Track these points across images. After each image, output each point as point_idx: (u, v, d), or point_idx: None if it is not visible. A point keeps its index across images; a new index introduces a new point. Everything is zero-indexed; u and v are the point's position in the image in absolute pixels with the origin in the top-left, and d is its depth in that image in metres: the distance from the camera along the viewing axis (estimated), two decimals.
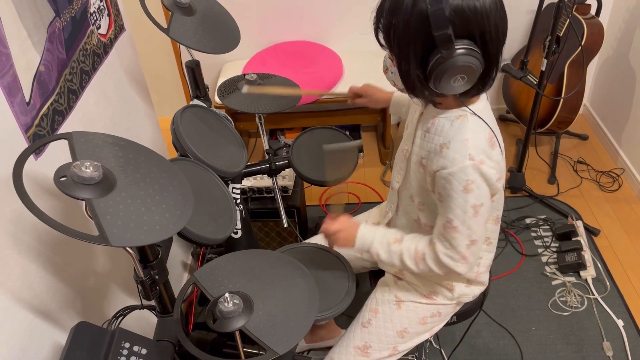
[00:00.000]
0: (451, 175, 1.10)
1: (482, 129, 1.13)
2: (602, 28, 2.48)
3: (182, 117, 1.47)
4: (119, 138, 1.05)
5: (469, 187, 1.10)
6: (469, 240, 1.16)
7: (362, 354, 1.40)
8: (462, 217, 1.13)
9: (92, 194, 0.88)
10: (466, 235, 1.15)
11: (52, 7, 1.25)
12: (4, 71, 1.05)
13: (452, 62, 1.00)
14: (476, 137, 1.11)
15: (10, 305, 1.08)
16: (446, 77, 1.02)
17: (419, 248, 1.24)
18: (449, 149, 1.11)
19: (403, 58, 1.06)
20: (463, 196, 1.11)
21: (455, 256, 1.18)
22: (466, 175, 1.09)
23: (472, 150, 1.09)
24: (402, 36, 1.04)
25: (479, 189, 1.11)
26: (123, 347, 1.12)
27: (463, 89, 1.07)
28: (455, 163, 1.10)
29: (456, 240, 1.16)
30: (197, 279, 1.10)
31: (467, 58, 1.01)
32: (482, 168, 1.09)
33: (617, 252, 2.36)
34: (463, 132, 1.11)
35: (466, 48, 1.00)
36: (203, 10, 1.55)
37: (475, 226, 1.15)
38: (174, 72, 3.05)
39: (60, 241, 1.25)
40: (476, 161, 1.09)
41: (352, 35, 2.86)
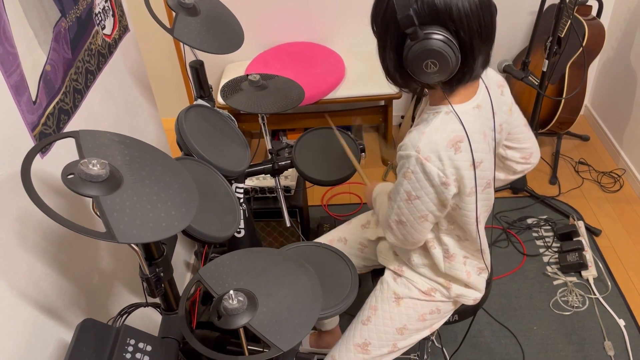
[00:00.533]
0: (400, 157, 1.16)
1: (448, 130, 1.11)
2: (603, 29, 2.49)
3: (187, 116, 1.48)
4: (124, 136, 1.06)
5: (407, 174, 1.14)
6: (397, 217, 1.24)
7: (362, 351, 1.41)
8: (395, 195, 1.21)
9: (99, 191, 0.89)
10: (395, 212, 1.23)
11: (58, 7, 1.26)
12: (11, 70, 1.06)
13: (419, 45, 1.01)
14: (435, 134, 1.11)
15: (17, 302, 1.09)
16: (417, 61, 1.03)
17: None
18: (410, 134, 1.14)
19: (381, 44, 1.11)
20: (400, 179, 1.17)
21: (385, 222, 1.29)
22: (409, 163, 1.13)
23: (423, 145, 1.10)
24: (381, 23, 1.07)
25: (418, 182, 1.14)
26: (128, 344, 1.13)
27: (440, 77, 1.06)
28: (405, 149, 1.13)
29: (390, 210, 1.25)
30: (201, 277, 1.11)
31: (435, 42, 1.00)
32: (426, 165, 1.10)
33: (618, 252, 2.36)
34: (427, 125, 1.13)
35: (434, 32, 1.01)
36: (207, 10, 1.56)
37: (406, 210, 1.21)
38: (177, 72, 3.06)
39: (65, 239, 1.26)
40: (421, 156, 1.10)
41: (354, 36, 2.87)
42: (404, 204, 1.19)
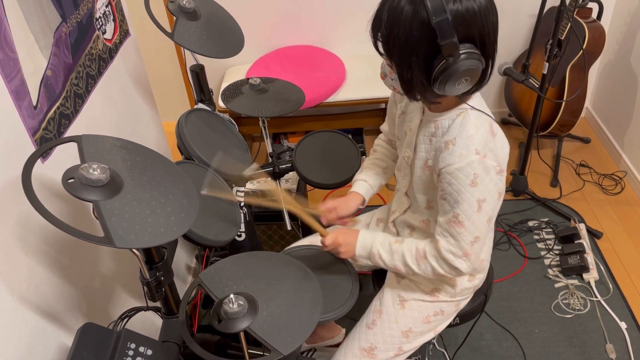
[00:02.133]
0: (459, 170, 1.12)
1: (483, 123, 1.16)
2: (603, 31, 2.49)
3: (187, 120, 1.49)
4: (126, 141, 1.06)
5: (475, 180, 1.12)
6: (473, 237, 1.17)
7: (368, 355, 1.41)
8: (468, 211, 1.14)
9: (99, 195, 0.89)
10: (471, 231, 1.17)
11: (58, 12, 1.27)
12: (12, 75, 1.07)
13: (457, 67, 1.03)
14: (479, 132, 1.14)
15: (18, 306, 1.09)
16: (451, 81, 1.05)
17: (419, 247, 1.26)
18: (455, 145, 1.13)
19: (405, 66, 1.09)
20: (470, 190, 1.13)
21: (458, 252, 1.19)
22: (473, 169, 1.11)
23: (478, 145, 1.12)
24: (404, 46, 1.06)
25: (483, 183, 1.13)
26: (129, 348, 1.13)
27: (465, 89, 1.10)
28: (462, 158, 1.11)
29: (461, 235, 1.17)
30: (202, 281, 1.11)
31: (471, 62, 1.04)
32: (486, 162, 1.12)
33: (619, 254, 2.36)
34: (467, 128, 1.14)
35: (469, 52, 1.03)
36: (207, 15, 1.57)
37: (479, 222, 1.16)
38: (178, 76, 3.06)
39: (66, 243, 1.26)
40: (481, 155, 1.11)
41: (355, 39, 2.87)
42: (477, 215, 1.15)
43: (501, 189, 1.17)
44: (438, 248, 1.21)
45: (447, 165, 1.13)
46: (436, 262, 1.23)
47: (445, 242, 1.20)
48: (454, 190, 1.14)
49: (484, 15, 1.03)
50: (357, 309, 1.47)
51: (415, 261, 1.25)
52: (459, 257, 1.20)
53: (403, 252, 1.27)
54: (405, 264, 1.27)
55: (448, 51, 1.01)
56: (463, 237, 1.18)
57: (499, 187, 1.16)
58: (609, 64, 2.90)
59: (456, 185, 1.13)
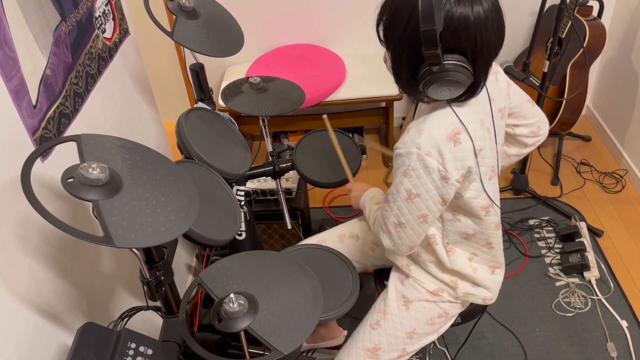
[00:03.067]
0: (398, 156, 1.14)
1: (446, 124, 1.12)
2: (604, 29, 2.48)
3: (187, 119, 1.48)
4: (126, 140, 1.06)
5: (407, 172, 1.13)
6: (396, 220, 1.21)
7: (372, 356, 1.41)
8: (394, 195, 1.18)
9: (98, 195, 0.89)
10: (395, 214, 1.21)
11: (58, 11, 1.26)
12: (11, 75, 1.07)
13: (439, 75, 1.03)
14: (434, 130, 1.11)
15: (18, 306, 1.09)
16: (433, 87, 1.05)
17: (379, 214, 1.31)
18: (407, 133, 1.14)
19: (397, 60, 1.10)
20: (401, 178, 1.15)
21: (383, 226, 1.26)
22: (409, 160, 1.12)
23: (422, 141, 1.11)
24: (398, 41, 1.07)
25: (419, 178, 1.13)
26: (129, 348, 1.13)
27: (450, 97, 1.09)
28: (405, 146, 1.13)
29: (386, 212, 1.23)
30: (202, 280, 1.11)
31: (455, 74, 1.02)
32: (427, 160, 1.11)
33: (620, 253, 2.36)
34: (426, 122, 1.13)
35: (455, 64, 1.02)
36: (207, 13, 1.57)
37: (406, 210, 1.19)
38: (178, 75, 3.06)
39: (66, 243, 1.26)
40: (422, 152, 1.10)
41: (355, 38, 2.87)
42: (404, 203, 1.18)
43: (445, 196, 1.16)
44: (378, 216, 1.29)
45: (396, 146, 1.16)
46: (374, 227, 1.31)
47: (380, 215, 1.27)
48: (393, 171, 1.18)
49: (480, 27, 1.00)
50: (358, 308, 1.46)
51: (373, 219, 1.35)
52: (383, 231, 1.26)
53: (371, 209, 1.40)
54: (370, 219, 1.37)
55: (430, 60, 1.00)
56: (387, 216, 1.23)
57: (442, 192, 1.15)
58: (610, 62, 2.90)
59: (394, 167, 1.17)
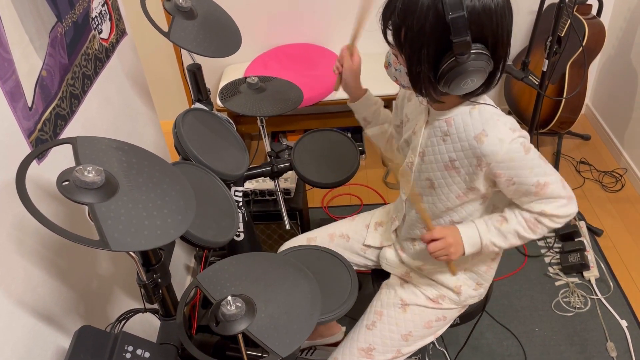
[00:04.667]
0: (508, 152, 1.12)
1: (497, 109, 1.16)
2: (603, 28, 2.48)
3: (184, 120, 1.47)
4: (123, 142, 1.05)
5: (526, 147, 1.13)
6: (560, 183, 1.19)
7: (366, 355, 1.40)
8: (541, 171, 1.16)
9: (94, 198, 0.88)
10: (554, 180, 1.18)
11: (54, 12, 1.26)
12: (6, 76, 1.06)
13: (465, 66, 1.01)
14: (499, 115, 1.15)
15: (14, 309, 1.08)
16: (457, 80, 1.04)
17: (526, 217, 1.23)
18: (488, 136, 1.12)
19: (415, 59, 1.06)
20: (528, 157, 1.14)
21: (563, 201, 1.20)
22: (518, 142, 1.12)
23: (510, 125, 1.13)
24: (416, 38, 1.03)
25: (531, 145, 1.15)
26: (126, 351, 1.12)
27: (469, 90, 1.08)
28: (504, 141, 1.11)
29: (554, 191, 1.18)
30: (199, 282, 1.10)
31: (479, 62, 1.02)
32: (523, 132, 1.14)
33: (620, 252, 2.35)
34: (490, 116, 1.14)
35: (479, 52, 1.01)
36: (204, 14, 1.56)
37: (552, 169, 1.18)
38: (176, 75, 3.05)
39: (63, 245, 1.25)
40: (517, 130, 1.13)
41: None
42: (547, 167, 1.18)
43: None
44: (548, 213, 1.20)
45: (493, 155, 1.13)
46: (552, 223, 1.22)
47: (550, 206, 1.20)
48: (518, 170, 1.15)
49: (500, 15, 1.01)
50: (357, 309, 1.46)
51: (530, 231, 1.24)
52: (566, 205, 1.20)
53: (515, 229, 1.24)
54: (522, 238, 1.25)
55: (459, 49, 0.99)
56: (557, 190, 1.18)
57: None
58: (609, 61, 2.89)
59: (516, 164, 1.14)
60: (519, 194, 1.20)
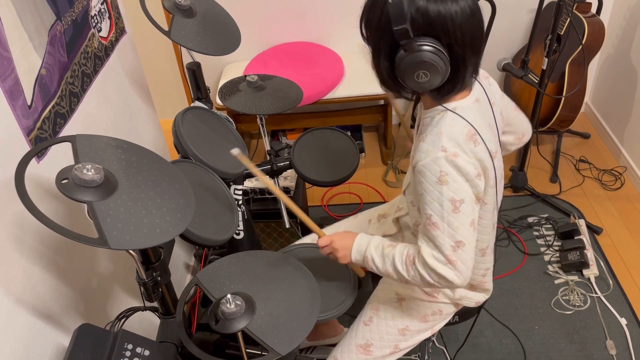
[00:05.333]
0: (425, 167, 1.08)
1: (462, 125, 1.11)
2: (603, 26, 2.48)
3: (184, 119, 1.47)
4: (122, 141, 1.05)
5: (442, 178, 1.07)
6: (453, 241, 1.09)
7: (364, 352, 1.40)
8: (439, 211, 1.08)
9: (93, 196, 0.88)
10: (448, 234, 1.08)
11: (53, 10, 1.25)
12: (5, 75, 1.06)
13: (412, 57, 1.02)
14: (452, 130, 1.10)
15: (14, 307, 1.08)
16: (409, 71, 1.04)
17: (410, 251, 1.17)
18: (424, 142, 1.11)
19: (375, 51, 1.10)
20: (438, 188, 1.07)
21: (440, 258, 1.10)
22: (439, 166, 1.07)
23: (445, 143, 1.08)
24: (375, 30, 1.07)
25: (456, 182, 1.07)
26: (126, 349, 1.12)
27: (430, 86, 1.07)
28: (428, 154, 1.08)
29: (438, 238, 1.09)
30: (199, 280, 1.10)
31: (428, 55, 1.01)
32: (456, 161, 1.06)
33: (619, 250, 2.35)
34: (439, 126, 1.11)
35: (427, 45, 1.01)
36: (204, 12, 1.56)
37: (457, 224, 1.08)
38: (175, 74, 3.05)
39: (62, 243, 1.25)
40: (449, 153, 1.06)
41: (353, 36, 2.84)
42: (453, 217, 1.08)
43: (479, 194, 1.11)
44: (422, 253, 1.12)
45: (417, 161, 1.10)
46: (424, 270, 1.12)
47: (427, 247, 1.12)
48: (423, 189, 1.10)
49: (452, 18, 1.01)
50: (356, 307, 1.46)
51: (404, 267, 1.16)
52: (444, 264, 1.10)
53: (394, 256, 1.18)
54: (395, 270, 1.18)
55: (400, 37, 1.00)
56: (441, 241, 1.09)
57: (476, 191, 1.10)
58: (609, 59, 2.89)
59: (424, 183, 1.09)
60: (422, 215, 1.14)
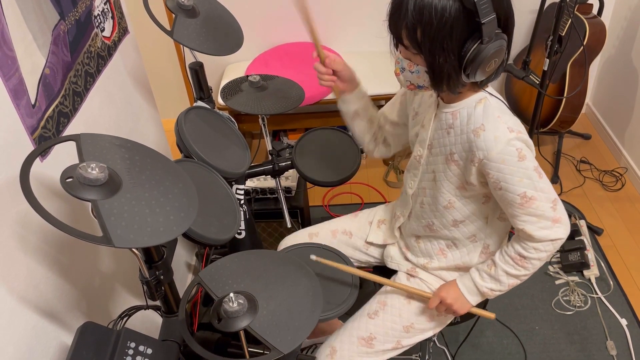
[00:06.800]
0: (501, 153, 1.10)
1: (502, 105, 1.16)
2: (604, 27, 2.48)
3: (186, 118, 1.48)
4: (126, 140, 1.06)
5: (521, 154, 1.11)
6: (550, 203, 1.15)
7: (366, 344, 1.40)
8: (530, 184, 1.13)
9: (97, 195, 0.89)
10: (545, 199, 1.14)
11: (56, 10, 1.26)
12: (10, 74, 1.06)
13: (488, 48, 1.02)
14: (504, 113, 1.14)
15: (17, 306, 1.09)
16: (483, 64, 1.04)
17: (511, 254, 1.22)
18: (485, 131, 1.12)
19: (438, 53, 1.06)
20: (521, 165, 1.11)
21: (547, 223, 1.16)
22: (514, 146, 1.10)
23: (509, 124, 1.11)
24: (437, 30, 1.03)
25: (529, 153, 1.12)
26: (129, 347, 1.13)
27: (495, 72, 1.10)
28: (499, 140, 1.10)
29: (539, 208, 1.15)
30: (201, 279, 1.11)
31: (499, 42, 1.03)
32: (523, 136, 1.12)
33: (620, 251, 2.36)
34: (491, 112, 1.13)
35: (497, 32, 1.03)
36: (206, 12, 1.56)
37: (546, 186, 1.14)
38: (177, 74, 3.06)
39: (66, 242, 1.26)
40: (515, 131, 1.11)
41: (355, 36, 2.87)
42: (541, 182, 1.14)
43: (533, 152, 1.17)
44: (530, 236, 1.18)
45: (486, 152, 1.11)
46: (537, 253, 1.19)
47: (531, 226, 1.17)
48: (507, 174, 1.12)
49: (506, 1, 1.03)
50: (358, 307, 1.46)
51: (520, 269, 1.22)
52: (550, 227, 1.17)
53: (504, 270, 1.24)
54: (516, 277, 1.24)
55: (488, 30, 1.00)
56: (542, 209, 1.15)
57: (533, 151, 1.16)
58: (610, 60, 2.89)
59: (506, 168, 1.11)
60: (504, 203, 1.19)
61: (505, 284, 1.26)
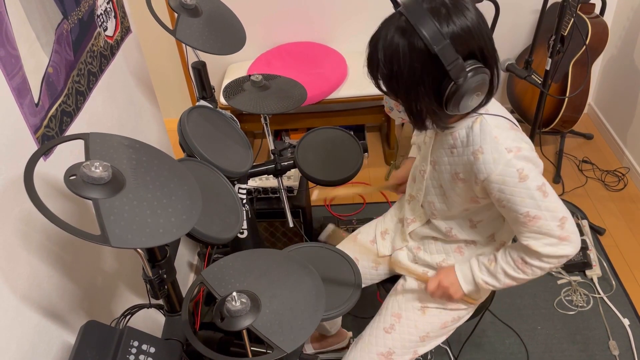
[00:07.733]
0: (501, 175, 1.10)
1: (500, 120, 1.15)
2: (606, 27, 2.48)
3: (189, 117, 1.48)
4: (134, 140, 1.06)
5: (522, 175, 1.09)
6: (557, 221, 1.13)
7: (386, 359, 1.40)
8: (534, 204, 1.11)
9: (99, 194, 0.89)
10: (550, 217, 1.13)
11: (60, 9, 1.26)
12: (13, 73, 1.06)
13: (467, 85, 1.02)
14: (502, 131, 1.12)
15: (20, 304, 1.09)
16: (464, 99, 1.04)
17: (513, 256, 1.22)
18: (484, 153, 1.11)
19: (413, 99, 1.07)
20: (523, 185, 1.10)
21: (553, 241, 1.15)
22: (514, 166, 1.09)
23: (506, 143, 1.10)
24: (408, 79, 1.04)
25: (532, 171, 1.10)
26: (132, 346, 1.13)
27: (477, 103, 1.09)
28: (498, 162, 1.10)
29: (544, 227, 1.13)
30: (204, 278, 1.11)
31: (479, 77, 1.02)
32: (523, 153, 1.10)
33: (622, 251, 2.35)
34: (488, 131, 1.12)
35: (474, 67, 1.02)
36: (209, 11, 1.56)
37: (552, 205, 1.12)
38: (180, 73, 3.06)
39: (69, 241, 1.26)
40: (514, 151, 1.09)
41: (357, 35, 2.87)
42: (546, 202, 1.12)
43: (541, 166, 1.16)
44: (534, 251, 1.17)
45: (487, 174, 1.11)
46: (541, 263, 1.19)
47: (536, 242, 1.16)
48: (508, 195, 1.12)
49: (478, 28, 1.02)
50: (360, 306, 1.46)
51: (520, 271, 1.22)
52: (557, 244, 1.15)
53: (503, 268, 1.23)
54: (513, 278, 1.24)
55: (456, 74, 0.99)
56: (548, 227, 1.13)
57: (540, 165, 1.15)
58: (612, 60, 2.89)
59: (507, 189, 1.11)
60: (509, 219, 1.19)
61: (502, 281, 1.26)
